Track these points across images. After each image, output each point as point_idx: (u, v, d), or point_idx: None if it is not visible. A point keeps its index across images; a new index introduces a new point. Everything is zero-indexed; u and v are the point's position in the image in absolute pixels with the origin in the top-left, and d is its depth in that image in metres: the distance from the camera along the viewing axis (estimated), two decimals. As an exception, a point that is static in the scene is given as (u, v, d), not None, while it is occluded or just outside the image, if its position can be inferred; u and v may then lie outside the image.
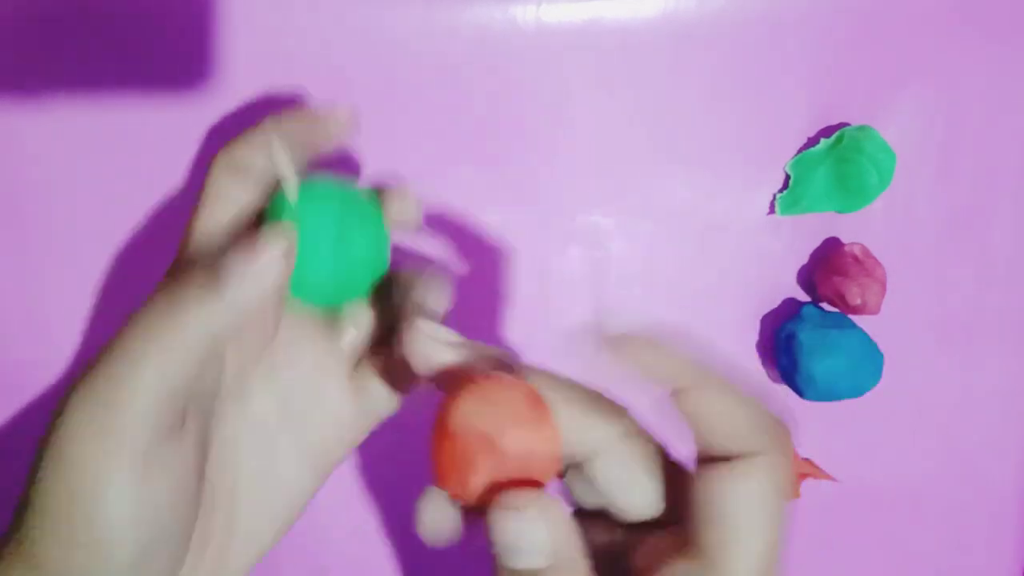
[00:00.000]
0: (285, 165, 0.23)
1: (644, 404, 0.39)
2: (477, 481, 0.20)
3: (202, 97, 0.39)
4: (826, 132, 0.40)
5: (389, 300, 0.27)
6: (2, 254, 0.39)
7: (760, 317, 0.42)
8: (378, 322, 0.28)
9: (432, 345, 0.22)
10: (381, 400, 0.27)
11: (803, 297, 0.42)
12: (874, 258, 0.39)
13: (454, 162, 0.40)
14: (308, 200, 0.23)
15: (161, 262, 0.38)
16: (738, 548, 0.19)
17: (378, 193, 0.26)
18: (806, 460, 0.41)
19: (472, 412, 0.20)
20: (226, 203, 0.24)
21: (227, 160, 0.24)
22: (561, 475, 0.23)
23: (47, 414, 0.40)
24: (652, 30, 0.39)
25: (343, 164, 0.39)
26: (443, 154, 0.40)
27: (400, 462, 0.41)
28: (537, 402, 0.21)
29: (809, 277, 0.42)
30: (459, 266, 0.40)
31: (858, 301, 0.38)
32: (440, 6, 0.39)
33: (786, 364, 0.39)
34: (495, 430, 0.20)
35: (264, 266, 0.21)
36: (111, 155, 0.39)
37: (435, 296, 0.26)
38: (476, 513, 0.20)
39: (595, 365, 0.21)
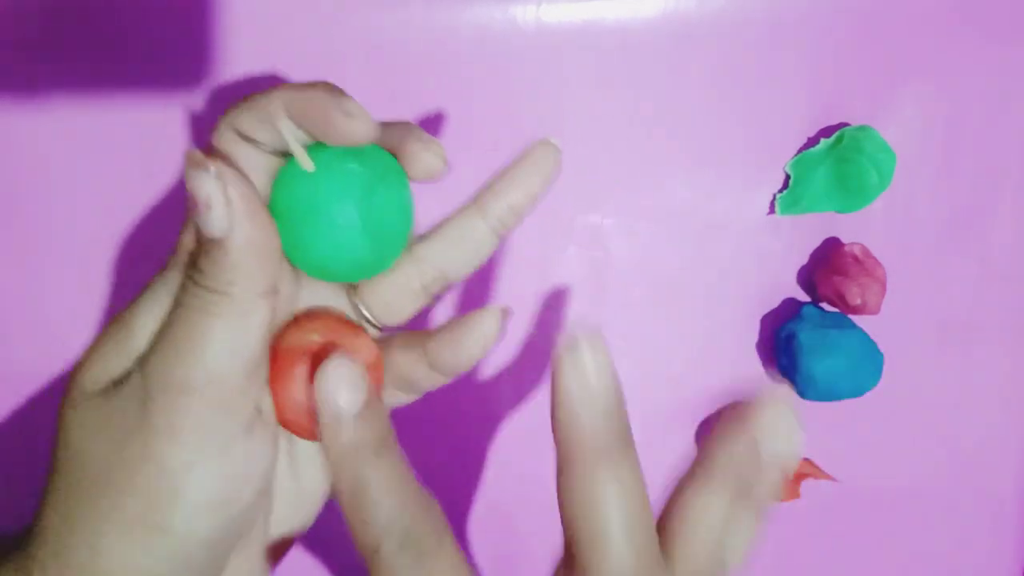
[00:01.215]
0: (293, 135, 0.20)
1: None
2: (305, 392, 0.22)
3: (202, 97, 0.39)
4: (826, 132, 0.40)
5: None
6: (2, 254, 0.39)
7: (760, 317, 0.42)
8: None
9: None
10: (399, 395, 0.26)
11: (803, 297, 0.42)
12: (874, 258, 0.39)
13: (453, 162, 0.40)
14: (325, 166, 0.21)
15: (161, 262, 0.38)
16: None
17: (395, 143, 0.23)
18: (806, 460, 0.41)
19: (294, 338, 0.22)
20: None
21: (230, 129, 0.21)
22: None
23: (47, 414, 0.40)
24: (652, 30, 0.39)
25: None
26: (443, 154, 0.40)
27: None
28: (348, 321, 0.23)
29: (809, 277, 0.42)
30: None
31: (858, 301, 0.38)
32: (440, 6, 0.39)
33: (786, 364, 0.39)
34: (318, 342, 0.22)
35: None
36: (111, 155, 0.39)
37: None
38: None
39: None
